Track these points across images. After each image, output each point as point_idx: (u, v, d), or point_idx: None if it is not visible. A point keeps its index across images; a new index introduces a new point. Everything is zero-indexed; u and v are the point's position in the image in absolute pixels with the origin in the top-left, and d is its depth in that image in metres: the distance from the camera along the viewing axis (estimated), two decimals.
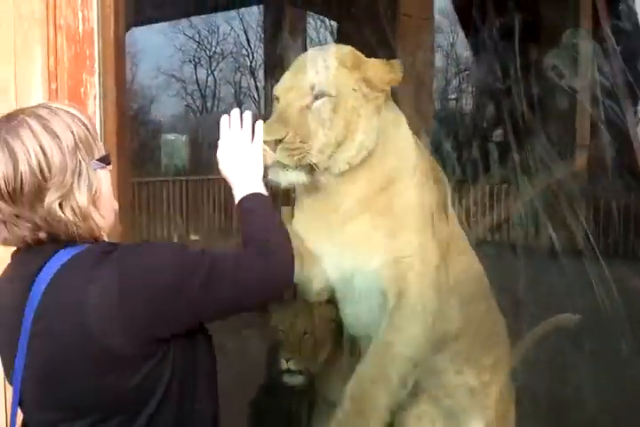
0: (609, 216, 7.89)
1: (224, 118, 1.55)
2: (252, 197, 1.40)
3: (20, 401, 1.14)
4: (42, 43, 1.97)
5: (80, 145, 1.13)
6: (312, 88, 1.79)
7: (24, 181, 1.07)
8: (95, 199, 1.16)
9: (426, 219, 1.89)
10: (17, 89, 2.07)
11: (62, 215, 1.11)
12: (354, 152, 1.81)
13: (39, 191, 1.09)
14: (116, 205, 1.25)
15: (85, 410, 1.12)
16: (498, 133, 9.86)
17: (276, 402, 2.43)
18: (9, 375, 1.16)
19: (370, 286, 1.87)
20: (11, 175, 1.07)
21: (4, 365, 1.18)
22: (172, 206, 9.02)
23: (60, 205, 1.11)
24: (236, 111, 1.57)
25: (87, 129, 1.16)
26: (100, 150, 1.17)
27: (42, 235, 1.12)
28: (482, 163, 7.47)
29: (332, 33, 7.61)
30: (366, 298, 1.90)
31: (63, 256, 1.12)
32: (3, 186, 1.07)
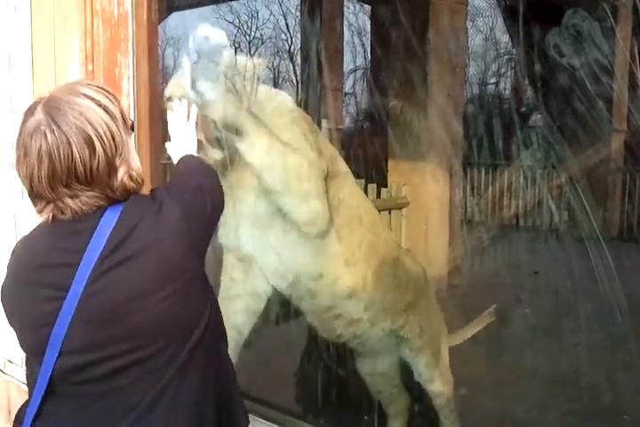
0: None
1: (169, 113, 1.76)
2: (186, 157, 1.58)
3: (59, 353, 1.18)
4: (79, 26, 2.07)
5: (121, 118, 1.22)
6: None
7: (100, 162, 1.16)
8: None
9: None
10: (56, 70, 2.18)
11: (131, 184, 1.22)
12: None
13: (111, 167, 1.18)
14: None
15: (141, 343, 1.18)
16: (536, 118, 9.75)
17: None
18: (40, 336, 1.18)
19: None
20: (87, 158, 1.15)
21: (34, 325, 1.21)
22: None
23: (128, 176, 1.21)
24: (176, 102, 1.77)
25: (118, 100, 1.26)
26: (126, 118, 1.26)
27: (106, 202, 1.20)
28: (518, 146, 7.42)
29: (370, 17, 7.60)
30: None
31: (114, 212, 1.20)
32: (80, 168, 1.15)
